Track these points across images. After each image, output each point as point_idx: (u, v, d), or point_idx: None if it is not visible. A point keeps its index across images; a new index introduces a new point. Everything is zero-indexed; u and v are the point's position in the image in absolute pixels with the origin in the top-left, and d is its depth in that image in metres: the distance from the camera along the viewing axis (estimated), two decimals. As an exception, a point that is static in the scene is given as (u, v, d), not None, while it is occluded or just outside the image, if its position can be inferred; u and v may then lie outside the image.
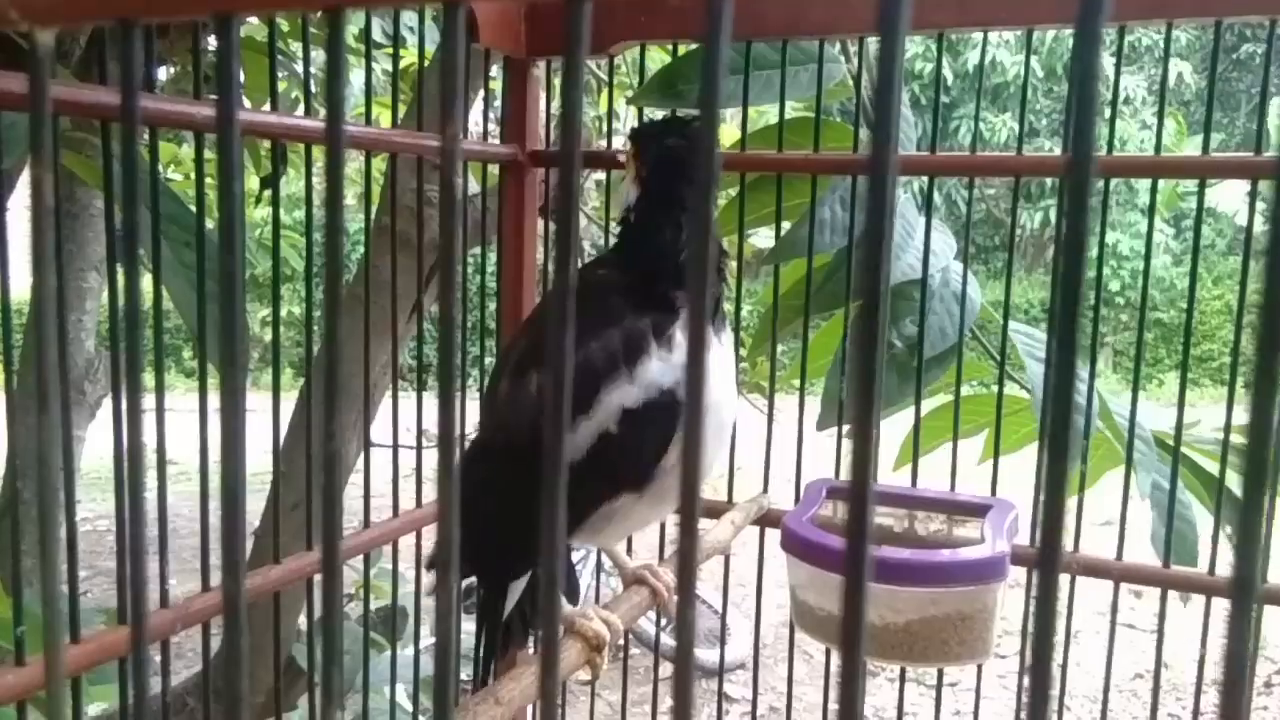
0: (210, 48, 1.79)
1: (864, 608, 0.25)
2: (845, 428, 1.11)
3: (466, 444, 0.92)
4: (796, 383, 1.15)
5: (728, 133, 1.73)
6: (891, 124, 0.24)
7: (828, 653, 1.06)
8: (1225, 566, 0.97)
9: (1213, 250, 9.65)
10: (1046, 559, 0.23)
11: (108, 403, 1.94)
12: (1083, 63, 0.21)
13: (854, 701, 0.25)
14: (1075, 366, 0.23)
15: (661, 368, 0.80)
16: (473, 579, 0.95)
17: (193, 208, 0.86)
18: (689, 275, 0.25)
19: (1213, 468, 1.01)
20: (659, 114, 1.07)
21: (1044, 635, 0.23)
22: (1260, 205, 0.89)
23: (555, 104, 1.20)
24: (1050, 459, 0.23)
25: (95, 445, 1.90)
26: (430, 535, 1.12)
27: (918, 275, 1.05)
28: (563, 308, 0.28)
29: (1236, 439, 0.94)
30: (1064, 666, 1.05)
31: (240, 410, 0.32)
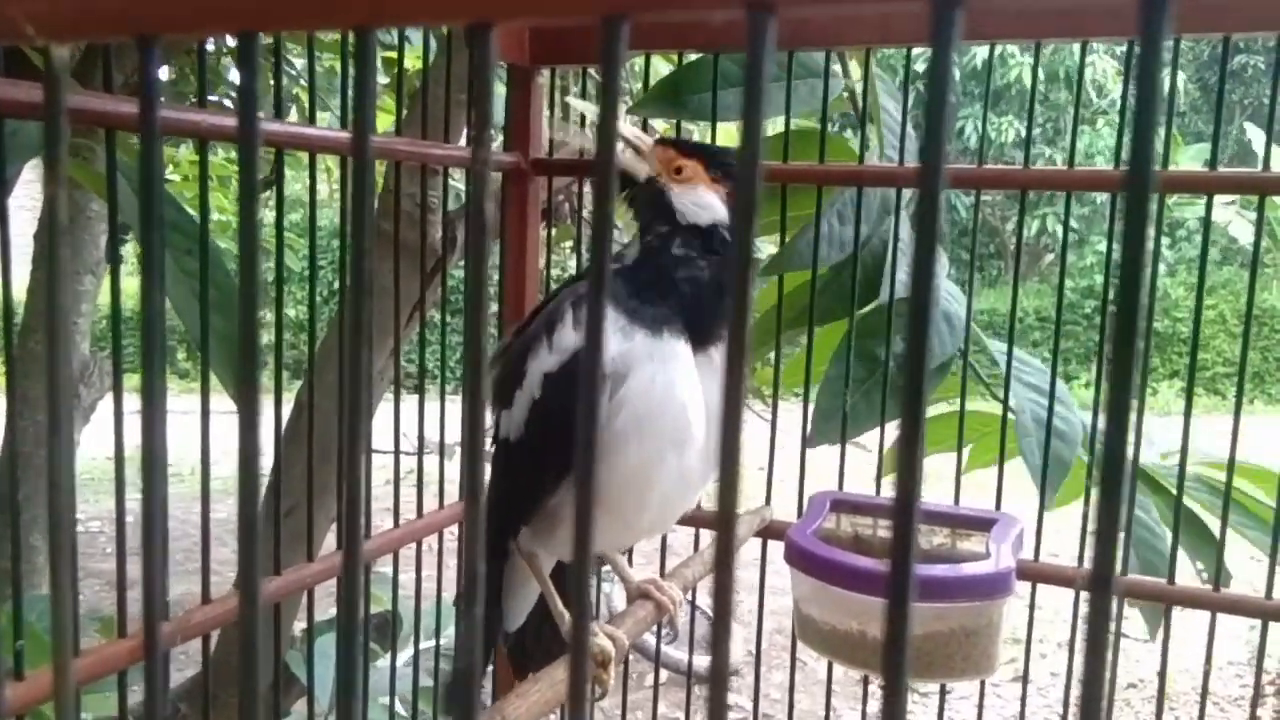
0: (209, 50, 1.78)
1: (908, 627, 0.25)
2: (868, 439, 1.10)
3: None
4: (799, 393, 1.15)
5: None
6: (941, 142, 0.24)
7: (830, 665, 1.06)
8: (1228, 583, 0.97)
9: (1209, 263, 9.68)
10: (1099, 584, 0.23)
11: (101, 405, 1.93)
12: (1144, 82, 0.21)
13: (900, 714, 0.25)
14: (1130, 406, 0.22)
15: (575, 335, 0.80)
16: None
17: (193, 214, 0.85)
18: (734, 305, 0.25)
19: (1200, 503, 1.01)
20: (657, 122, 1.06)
21: (1096, 659, 0.23)
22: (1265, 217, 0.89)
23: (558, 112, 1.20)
24: (1104, 492, 0.23)
25: (87, 446, 1.89)
26: (430, 543, 1.11)
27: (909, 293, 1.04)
28: (597, 321, 0.27)
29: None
30: (1067, 676, 1.05)
31: (255, 429, 0.32)
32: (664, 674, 2.93)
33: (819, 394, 1.09)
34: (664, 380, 0.79)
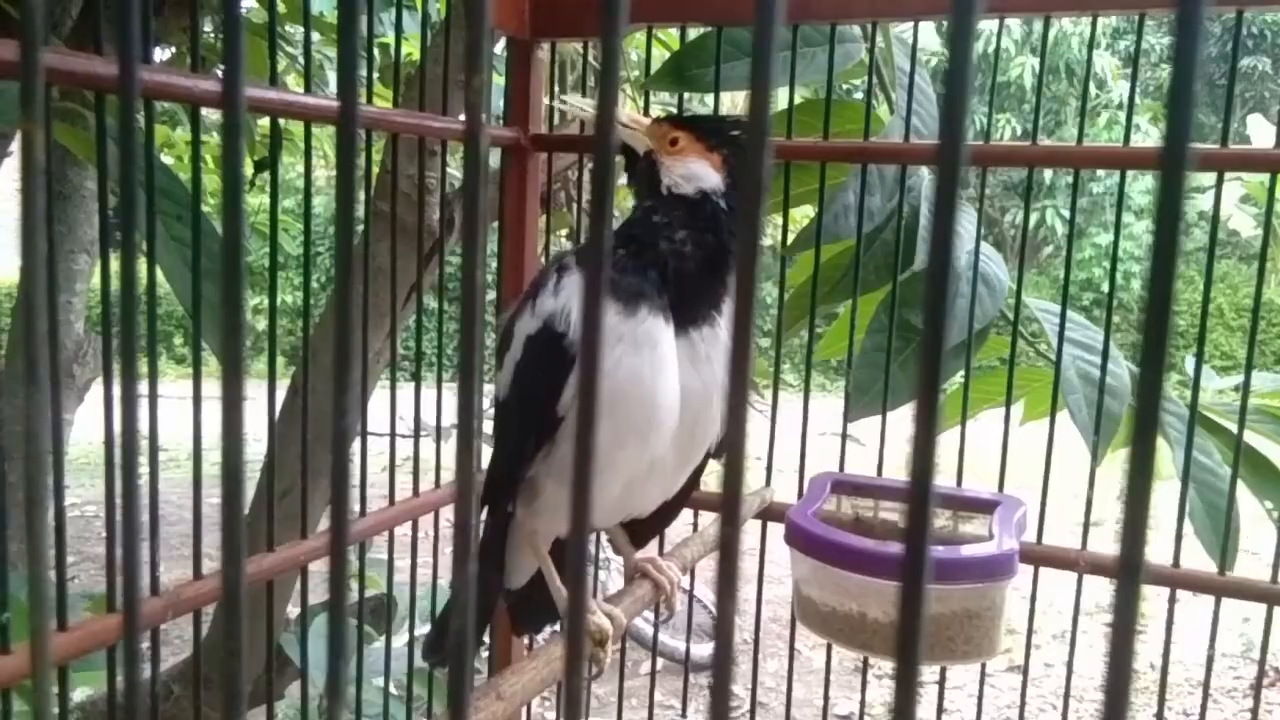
0: (207, 29, 1.76)
1: (923, 613, 0.24)
2: (877, 420, 1.08)
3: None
4: (795, 385, 1.14)
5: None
6: (961, 122, 0.23)
7: (829, 649, 1.05)
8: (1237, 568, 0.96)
9: (1205, 253, 9.63)
10: (1128, 570, 0.21)
11: (96, 387, 1.92)
12: (1182, 46, 0.20)
13: (910, 703, 0.24)
14: (1162, 384, 0.21)
15: (553, 300, 0.80)
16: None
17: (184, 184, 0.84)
18: (738, 275, 0.24)
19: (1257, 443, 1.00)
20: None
21: (1123, 646, 0.21)
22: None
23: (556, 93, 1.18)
24: (1133, 470, 0.22)
25: (84, 429, 1.87)
26: (425, 524, 1.10)
27: None
28: (596, 293, 0.26)
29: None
30: (1068, 668, 1.04)
31: (239, 386, 0.30)
32: (660, 662, 2.93)
33: (856, 368, 1.08)
34: (631, 365, 0.76)
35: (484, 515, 0.91)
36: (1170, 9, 0.22)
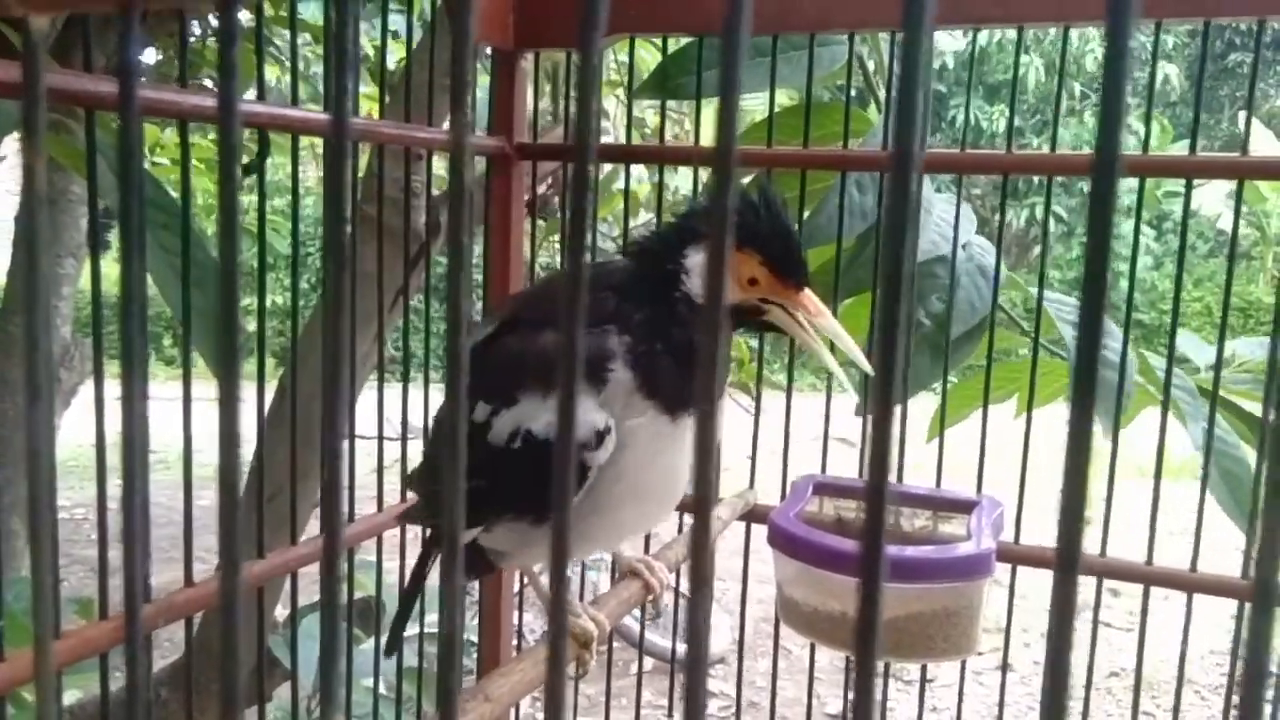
0: (195, 34, 1.77)
1: (879, 607, 0.25)
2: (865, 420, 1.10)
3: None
4: (782, 380, 1.15)
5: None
6: (915, 124, 0.24)
7: (812, 648, 1.07)
8: (1206, 565, 0.98)
9: (1193, 253, 9.68)
10: (1066, 558, 0.23)
11: (83, 389, 1.92)
12: (1112, 64, 0.21)
13: (869, 700, 0.25)
14: (1096, 379, 0.23)
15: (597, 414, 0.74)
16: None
17: (174, 193, 0.85)
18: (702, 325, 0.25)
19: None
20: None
21: (1062, 636, 0.23)
22: (1245, 208, 0.90)
23: (544, 101, 1.19)
24: (1070, 451, 0.23)
25: (70, 431, 1.88)
26: (414, 529, 1.11)
27: (940, 251, 1.05)
28: (573, 300, 0.28)
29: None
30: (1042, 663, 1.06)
31: (236, 399, 0.32)
32: (649, 662, 2.94)
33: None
34: (666, 463, 0.79)
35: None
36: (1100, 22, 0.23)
